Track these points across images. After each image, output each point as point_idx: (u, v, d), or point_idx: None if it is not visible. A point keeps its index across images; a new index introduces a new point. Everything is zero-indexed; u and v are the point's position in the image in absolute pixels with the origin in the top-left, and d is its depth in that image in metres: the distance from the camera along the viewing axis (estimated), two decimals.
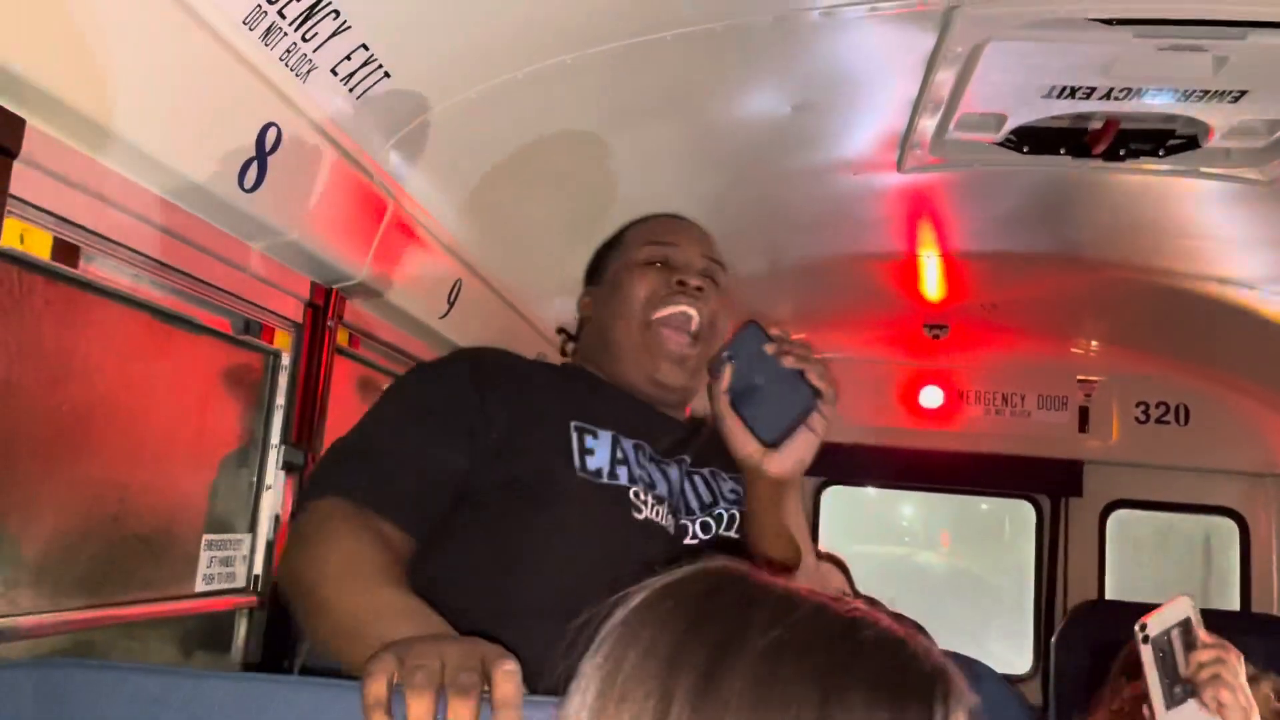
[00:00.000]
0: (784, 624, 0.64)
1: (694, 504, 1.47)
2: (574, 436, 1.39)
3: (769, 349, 1.33)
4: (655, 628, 0.66)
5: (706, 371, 1.42)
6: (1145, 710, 1.60)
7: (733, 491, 1.51)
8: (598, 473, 1.38)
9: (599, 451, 1.40)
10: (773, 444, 1.33)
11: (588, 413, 1.44)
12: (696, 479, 1.51)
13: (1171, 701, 1.56)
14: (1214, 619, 1.65)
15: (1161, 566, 5.04)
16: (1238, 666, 1.52)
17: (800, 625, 0.64)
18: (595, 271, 1.67)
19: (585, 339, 1.64)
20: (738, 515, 1.48)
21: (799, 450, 1.34)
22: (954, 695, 0.63)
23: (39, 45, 1.15)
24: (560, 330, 1.83)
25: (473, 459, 1.34)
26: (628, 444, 1.44)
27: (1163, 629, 1.60)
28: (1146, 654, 1.60)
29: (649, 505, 1.40)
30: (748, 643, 0.62)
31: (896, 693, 0.61)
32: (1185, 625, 1.58)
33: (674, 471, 1.47)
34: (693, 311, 1.51)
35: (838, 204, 2.82)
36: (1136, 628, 1.64)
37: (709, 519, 1.46)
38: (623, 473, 1.40)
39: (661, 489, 1.44)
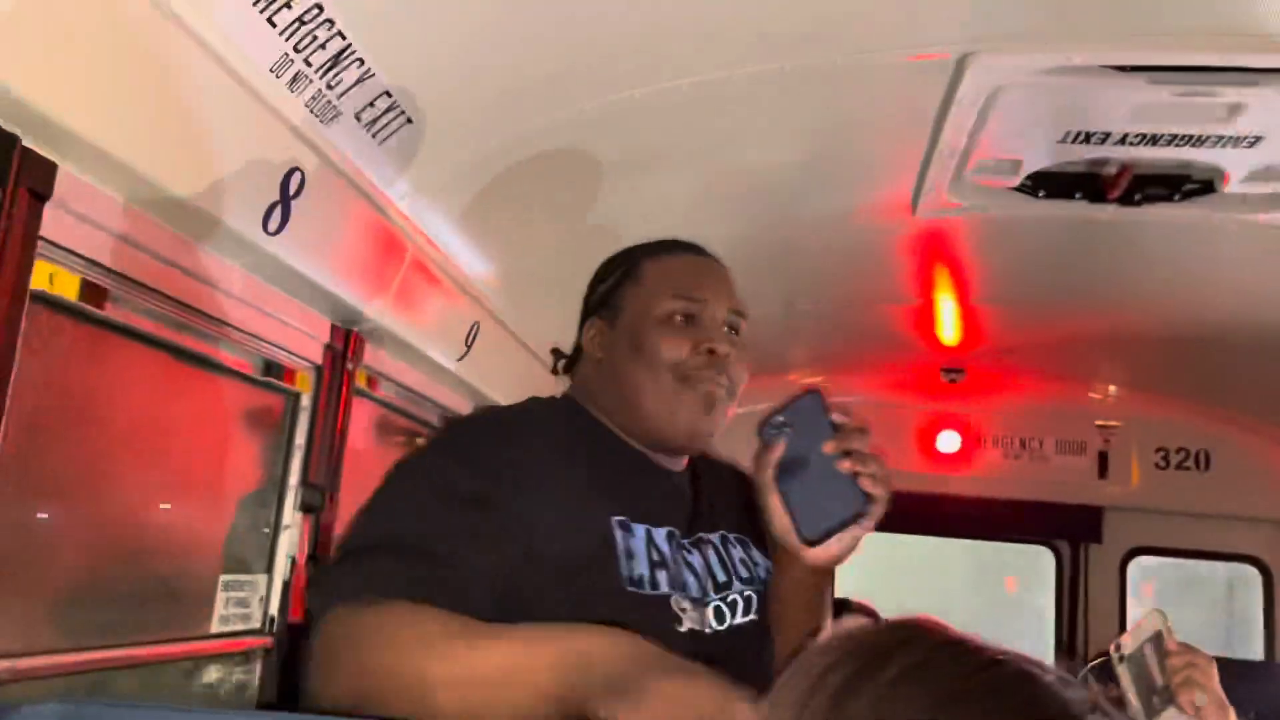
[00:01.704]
0: (919, 653, 0.65)
1: (708, 586, 1.39)
2: (617, 536, 1.32)
3: (828, 447, 1.24)
4: (819, 655, 0.69)
5: (757, 432, 1.31)
6: None
7: (744, 563, 1.45)
8: (640, 581, 1.31)
9: (638, 553, 1.32)
10: (813, 542, 1.26)
11: (623, 498, 1.36)
12: (709, 552, 1.44)
13: (1151, 712, 1.56)
14: (1236, 668, 1.65)
15: (1184, 614, 4.98)
16: (1209, 669, 1.54)
17: (934, 655, 0.66)
18: (605, 301, 1.52)
19: (593, 380, 1.50)
20: (754, 597, 1.42)
21: (841, 545, 1.28)
22: None
23: (71, 90, 1.17)
24: (555, 351, 1.72)
25: (514, 561, 1.24)
26: (660, 535, 1.36)
27: (1136, 645, 1.61)
28: (1123, 672, 1.61)
29: (687, 612, 1.34)
30: (881, 670, 0.64)
31: None
32: (1157, 639, 1.59)
33: (697, 559, 1.41)
34: (720, 388, 1.42)
35: (853, 248, 2.84)
36: (1111, 648, 1.65)
37: (722, 604, 1.39)
38: (662, 578, 1.33)
39: (692, 587, 1.37)
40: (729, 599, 1.40)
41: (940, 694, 0.63)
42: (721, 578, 1.41)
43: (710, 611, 1.38)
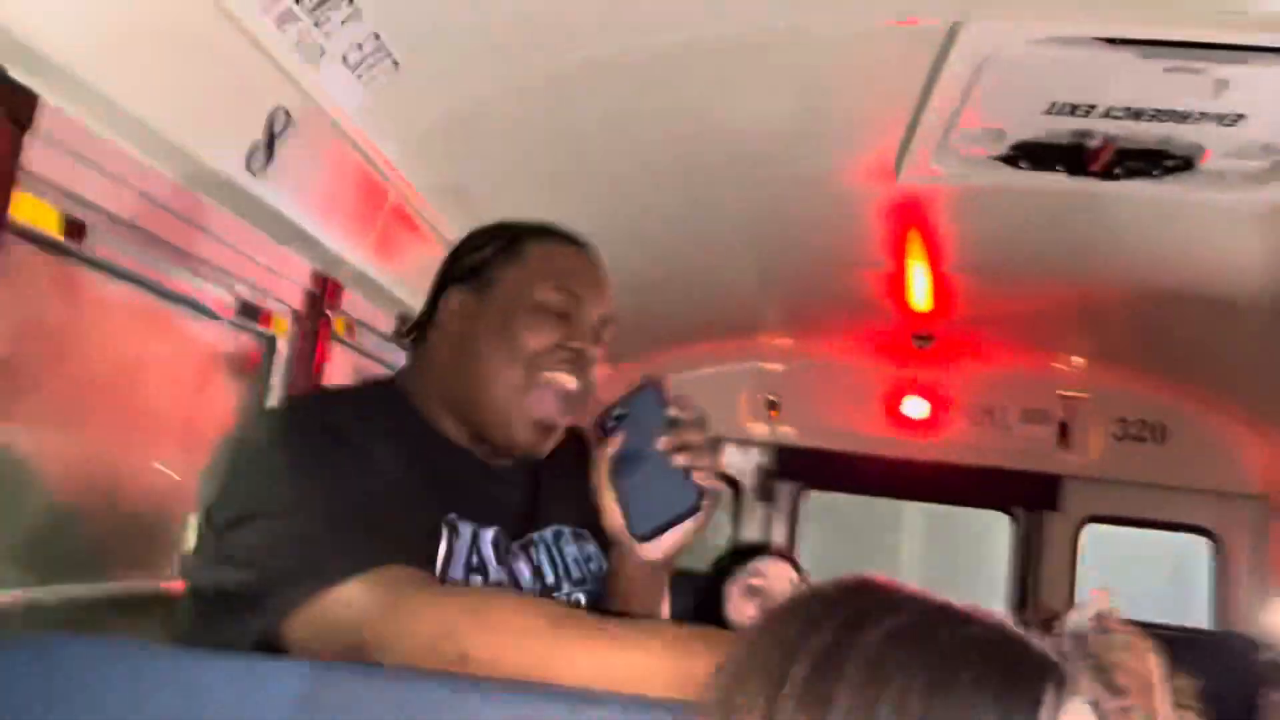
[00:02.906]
0: (902, 614, 0.67)
1: (534, 591, 1.32)
2: (443, 535, 1.25)
3: (661, 442, 1.20)
4: (786, 618, 0.70)
5: (595, 425, 1.29)
6: None
7: (576, 561, 1.39)
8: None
9: (458, 556, 1.25)
10: (645, 539, 1.22)
11: (450, 497, 1.28)
12: (539, 552, 1.36)
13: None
14: (1182, 637, 1.69)
15: (1133, 583, 5.10)
16: (1142, 648, 1.57)
17: (917, 615, 0.67)
18: (476, 271, 1.39)
19: (439, 356, 1.37)
20: (583, 598, 1.37)
21: (675, 540, 1.24)
22: (1067, 688, 0.65)
23: (54, 19, 1.15)
24: (401, 318, 1.55)
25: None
26: (486, 538, 1.30)
27: (1080, 621, 1.65)
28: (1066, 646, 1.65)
29: None
30: (864, 630, 0.65)
31: (1004, 680, 0.63)
32: (1100, 619, 1.63)
33: (523, 563, 1.34)
34: (575, 386, 1.34)
35: (833, 212, 2.84)
36: (1058, 623, 1.69)
37: None
38: (477, 586, 1.26)
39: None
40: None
41: (932, 653, 0.64)
42: (550, 579, 1.35)
43: None
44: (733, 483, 4.63)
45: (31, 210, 1.27)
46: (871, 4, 1.78)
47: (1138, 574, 5.05)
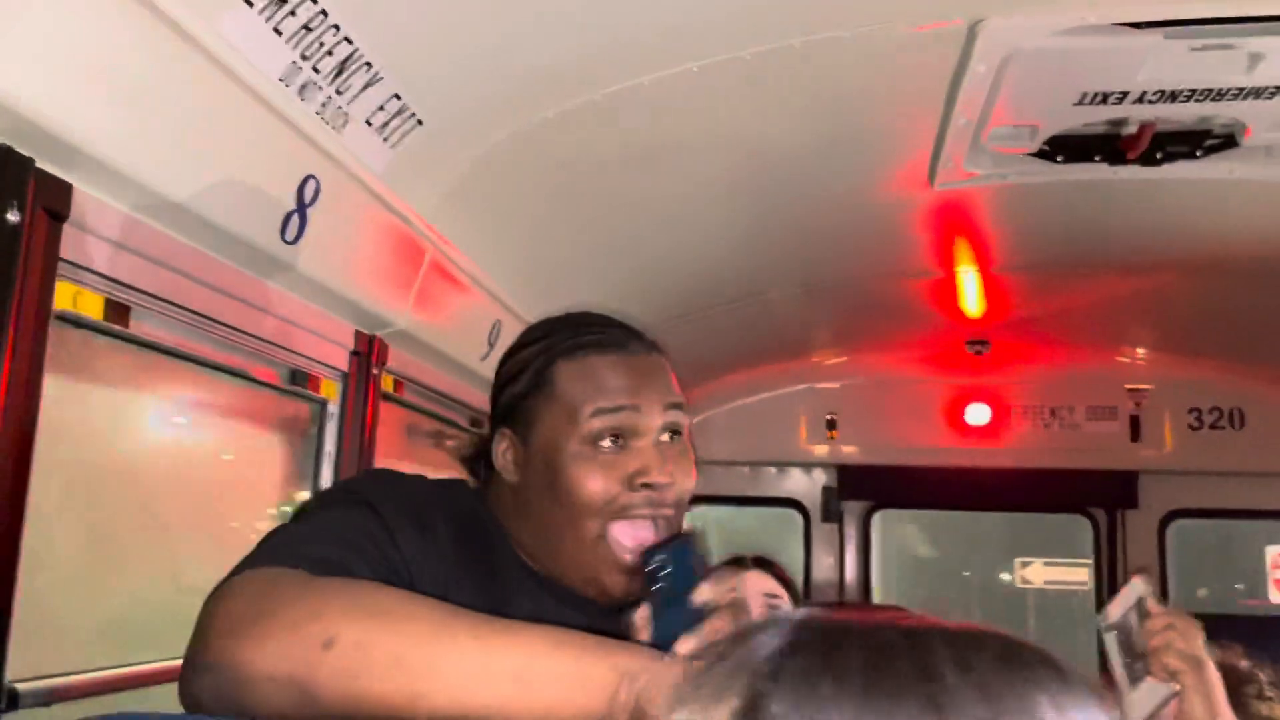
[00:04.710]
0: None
1: None
2: None
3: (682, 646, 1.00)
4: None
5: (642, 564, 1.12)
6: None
7: None
8: None
9: None
10: None
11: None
12: None
13: (1132, 679, 1.52)
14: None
15: (1225, 575, 4.93)
16: (1189, 630, 1.50)
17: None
18: (514, 410, 1.22)
19: (507, 504, 1.23)
20: None
21: None
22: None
23: (83, 110, 1.18)
24: (463, 460, 1.35)
25: None
26: None
27: (1121, 613, 1.58)
28: (1109, 641, 1.57)
29: None
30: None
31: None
32: (1140, 605, 1.55)
33: None
34: (661, 520, 1.17)
35: (872, 223, 2.82)
36: (1099, 618, 1.62)
37: None
38: None
39: None
40: None
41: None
42: None
43: None
44: (799, 506, 4.58)
45: (74, 298, 1.30)
46: (887, 12, 1.76)
47: (1235, 566, 4.87)
